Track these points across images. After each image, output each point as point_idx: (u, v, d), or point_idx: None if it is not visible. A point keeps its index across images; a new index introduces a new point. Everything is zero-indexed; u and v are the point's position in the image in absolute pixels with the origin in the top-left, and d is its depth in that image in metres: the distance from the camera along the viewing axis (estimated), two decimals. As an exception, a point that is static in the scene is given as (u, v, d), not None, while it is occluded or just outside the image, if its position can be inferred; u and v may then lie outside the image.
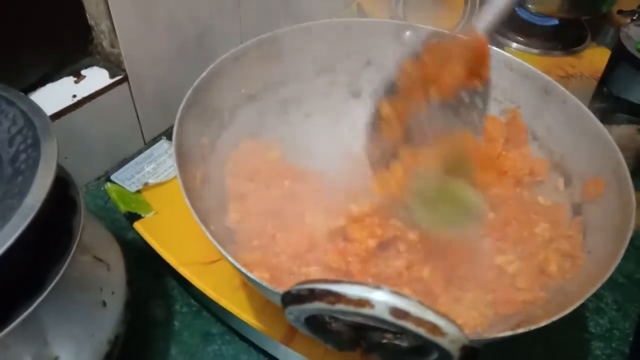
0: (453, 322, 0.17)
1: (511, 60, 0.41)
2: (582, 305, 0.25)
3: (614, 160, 0.33)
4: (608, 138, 0.34)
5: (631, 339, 0.39)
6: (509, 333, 0.23)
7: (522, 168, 0.39)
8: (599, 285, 0.25)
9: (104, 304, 0.30)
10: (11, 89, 0.29)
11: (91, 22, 0.43)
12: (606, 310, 0.41)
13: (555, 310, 0.25)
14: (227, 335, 0.38)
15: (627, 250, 0.28)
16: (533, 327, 0.23)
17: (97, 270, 0.31)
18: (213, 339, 0.38)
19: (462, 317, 0.30)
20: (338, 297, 0.17)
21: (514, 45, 0.62)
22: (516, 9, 0.64)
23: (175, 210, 0.39)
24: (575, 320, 0.41)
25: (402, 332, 0.17)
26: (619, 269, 0.27)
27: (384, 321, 0.17)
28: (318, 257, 0.33)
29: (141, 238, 0.39)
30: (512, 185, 0.39)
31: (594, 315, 0.41)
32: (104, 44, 0.44)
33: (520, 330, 0.23)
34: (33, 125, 0.27)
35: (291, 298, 0.19)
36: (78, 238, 0.27)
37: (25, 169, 0.25)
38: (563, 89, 0.38)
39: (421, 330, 0.17)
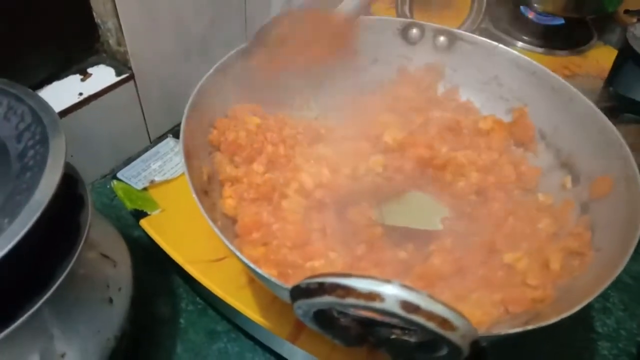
0: (464, 316, 0.17)
1: (519, 58, 0.41)
2: (589, 305, 0.25)
3: (622, 157, 0.33)
4: (616, 136, 0.34)
5: (638, 339, 0.39)
6: (519, 329, 0.23)
7: (509, 175, 0.39)
8: (609, 282, 0.25)
9: (111, 300, 0.30)
10: (19, 85, 0.29)
11: (98, 20, 0.43)
12: (613, 311, 0.41)
13: (564, 308, 0.25)
14: (232, 333, 0.38)
15: (635, 251, 0.28)
16: (543, 323, 0.23)
17: (103, 267, 0.31)
18: (218, 337, 0.38)
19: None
20: (348, 291, 0.17)
21: (520, 44, 0.62)
22: (522, 8, 0.63)
23: (181, 207, 0.39)
24: (582, 320, 0.40)
25: (412, 326, 0.17)
26: (625, 270, 0.27)
27: (394, 315, 0.17)
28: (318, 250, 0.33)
29: (147, 235, 0.39)
30: (496, 188, 0.38)
31: (600, 315, 0.41)
32: (110, 42, 0.44)
33: (530, 327, 0.23)
34: (41, 122, 0.27)
35: (300, 292, 0.19)
36: (85, 235, 0.27)
37: (34, 165, 0.25)
38: (571, 86, 0.38)
39: (431, 325, 0.16)
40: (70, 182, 0.30)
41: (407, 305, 0.16)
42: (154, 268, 0.41)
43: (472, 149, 0.40)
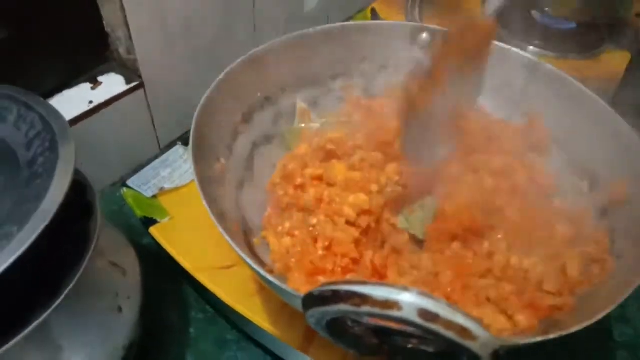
0: (484, 325, 0.16)
1: (531, 62, 0.40)
2: (607, 314, 0.25)
3: (640, 161, 0.32)
4: (634, 139, 0.33)
5: (659, 348, 0.38)
6: (540, 339, 0.22)
7: (523, 180, 0.38)
8: (631, 290, 0.24)
9: (120, 309, 0.30)
10: (30, 93, 0.29)
11: (108, 28, 0.43)
12: (631, 319, 0.40)
13: (583, 317, 0.24)
14: (242, 342, 0.37)
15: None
16: (564, 332, 0.23)
17: (113, 275, 0.31)
18: (228, 346, 0.37)
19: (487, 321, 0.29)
20: (364, 299, 0.16)
21: (531, 48, 0.61)
22: (533, 12, 0.63)
23: (191, 215, 0.39)
24: (600, 329, 0.39)
25: (431, 335, 0.16)
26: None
27: (412, 324, 0.16)
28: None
29: (157, 243, 0.38)
30: (510, 193, 0.38)
31: (619, 324, 0.40)
32: (120, 50, 0.44)
33: (552, 336, 0.22)
34: (51, 129, 0.27)
35: (313, 300, 0.18)
36: (94, 243, 0.27)
37: (43, 173, 0.25)
38: (586, 90, 0.37)
39: (451, 334, 0.16)
40: (79, 189, 0.29)
41: (425, 314, 0.16)
42: (164, 276, 0.40)
43: (485, 154, 0.40)
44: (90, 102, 0.42)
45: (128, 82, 0.44)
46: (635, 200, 0.32)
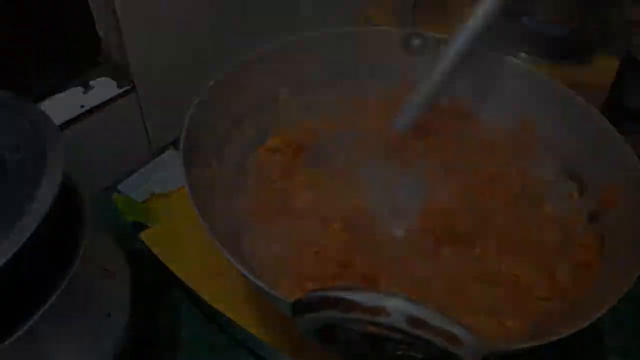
0: (472, 331, 0.16)
1: (522, 68, 0.41)
2: (599, 318, 0.25)
3: (630, 166, 0.32)
4: (624, 145, 0.33)
5: (651, 353, 0.38)
6: (529, 344, 0.22)
7: (514, 186, 0.38)
8: (621, 294, 0.25)
9: (109, 315, 0.30)
10: (20, 97, 0.29)
11: (100, 32, 0.43)
12: (624, 324, 0.40)
13: (574, 322, 0.24)
14: (233, 348, 0.37)
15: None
16: (554, 338, 0.23)
17: (102, 280, 0.31)
18: (219, 352, 0.37)
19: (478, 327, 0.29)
20: (352, 305, 0.16)
21: (522, 55, 0.62)
22: (524, 19, 0.63)
23: (181, 220, 0.39)
24: (592, 334, 0.39)
25: (419, 342, 0.16)
26: (637, 281, 0.26)
27: (399, 330, 0.16)
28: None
29: (147, 248, 0.38)
30: (501, 198, 0.38)
31: (611, 329, 0.40)
32: (112, 54, 0.44)
33: (541, 342, 0.22)
34: (41, 134, 0.27)
35: (302, 306, 0.18)
36: (83, 247, 0.27)
37: (31, 177, 0.25)
38: (577, 96, 0.37)
39: (439, 340, 0.16)
40: (68, 194, 0.29)
41: (413, 321, 0.16)
42: (154, 281, 0.40)
43: (476, 160, 0.40)
44: (82, 106, 0.42)
45: (120, 86, 0.44)
46: (624, 205, 0.32)
